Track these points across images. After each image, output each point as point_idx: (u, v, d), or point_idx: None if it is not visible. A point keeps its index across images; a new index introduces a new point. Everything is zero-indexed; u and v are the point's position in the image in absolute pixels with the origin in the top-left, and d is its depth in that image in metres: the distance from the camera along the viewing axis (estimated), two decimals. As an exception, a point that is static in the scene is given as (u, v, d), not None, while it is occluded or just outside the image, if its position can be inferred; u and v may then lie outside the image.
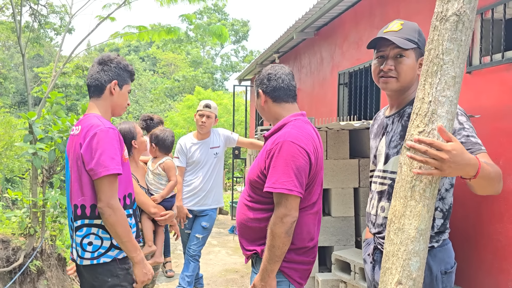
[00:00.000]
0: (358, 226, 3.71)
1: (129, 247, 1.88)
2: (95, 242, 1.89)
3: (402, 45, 1.62)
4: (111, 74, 1.98)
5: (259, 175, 1.90)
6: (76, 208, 1.88)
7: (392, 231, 1.33)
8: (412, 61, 1.65)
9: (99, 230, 1.89)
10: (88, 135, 1.83)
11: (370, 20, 4.61)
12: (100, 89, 1.98)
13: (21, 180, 8.04)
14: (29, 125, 3.58)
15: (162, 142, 2.91)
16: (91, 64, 2.04)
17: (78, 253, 1.91)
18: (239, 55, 32.08)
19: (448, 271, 1.61)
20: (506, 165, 2.61)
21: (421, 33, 1.69)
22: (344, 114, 5.41)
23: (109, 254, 1.91)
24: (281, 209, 1.79)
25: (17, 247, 3.74)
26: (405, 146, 1.36)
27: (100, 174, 1.80)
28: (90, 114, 1.94)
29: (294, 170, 1.78)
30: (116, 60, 2.01)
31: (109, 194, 1.82)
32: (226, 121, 14.48)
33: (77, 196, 1.87)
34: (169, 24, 7.40)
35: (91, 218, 1.87)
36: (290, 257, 1.88)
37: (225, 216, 8.48)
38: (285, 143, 1.81)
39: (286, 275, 1.89)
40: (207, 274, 4.74)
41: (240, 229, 2.03)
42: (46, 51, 21.53)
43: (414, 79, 1.68)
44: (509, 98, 2.62)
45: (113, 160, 1.82)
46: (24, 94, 22.17)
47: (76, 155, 1.87)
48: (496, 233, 2.66)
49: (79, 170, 1.86)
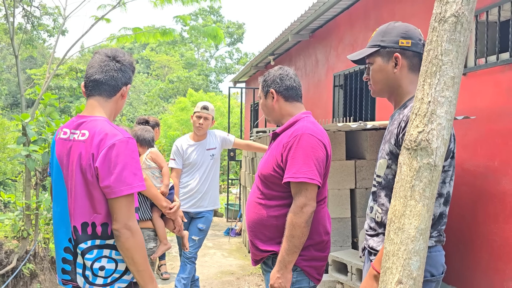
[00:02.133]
0: (354, 227, 3.72)
1: (145, 278, 1.61)
2: (108, 266, 1.62)
3: (353, 58, 1.71)
4: (127, 76, 1.74)
5: (275, 168, 1.92)
6: (85, 226, 1.60)
7: (392, 230, 1.33)
8: (378, 64, 1.64)
9: (112, 252, 1.62)
10: (104, 145, 1.56)
11: (365, 22, 4.64)
12: (114, 89, 1.70)
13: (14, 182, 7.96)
14: (23, 127, 3.56)
15: (141, 137, 2.96)
16: (98, 54, 1.72)
17: (89, 279, 1.62)
18: (233, 57, 32.11)
19: (426, 278, 1.52)
20: (501, 166, 2.63)
21: (389, 30, 1.62)
22: (339, 116, 5.43)
23: (124, 279, 1.66)
24: (301, 198, 1.82)
25: (10, 250, 3.70)
26: (404, 146, 1.37)
27: (121, 192, 1.54)
28: (98, 118, 1.65)
29: (314, 161, 1.83)
30: (129, 59, 1.77)
31: (128, 214, 1.57)
32: (220, 123, 14.47)
33: (86, 213, 1.60)
34: (163, 26, 7.40)
35: (102, 238, 1.61)
36: (310, 254, 1.92)
37: (220, 218, 8.46)
38: (304, 136, 1.86)
39: (306, 273, 1.93)
40: (203, 276, 4.72)
41: (253, 229, 2.00)
42: (39, 53, 21.39)
43: (390, 79, 1.63)
44: (504, 100, 2.65)
45: (135, 176, 1.58)
46: (17, 96, 22.00)
47: (83, 166, 1.58)
48: (491, 234, 2.68)
49: (88, 184, 1.58)
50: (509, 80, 2.62)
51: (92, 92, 1.69)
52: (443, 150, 1.34)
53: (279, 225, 1.90)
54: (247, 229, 2.07)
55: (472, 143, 2.81)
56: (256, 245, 2.00)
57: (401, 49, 1.59)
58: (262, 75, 2.13)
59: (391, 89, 1.65)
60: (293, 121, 2.00)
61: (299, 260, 1.91)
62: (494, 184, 2.66)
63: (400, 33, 1.60)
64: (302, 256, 1.91)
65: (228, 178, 8.11)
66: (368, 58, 1.67)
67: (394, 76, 1.62)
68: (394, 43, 1.60)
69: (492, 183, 2.68)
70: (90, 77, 1.69)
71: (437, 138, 1.32)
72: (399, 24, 1.64)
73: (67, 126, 1.69)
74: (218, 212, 8.63)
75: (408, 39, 1.59)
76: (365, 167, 3.75)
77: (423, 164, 1.32)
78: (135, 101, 25.16)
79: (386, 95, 1.70)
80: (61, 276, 1.67)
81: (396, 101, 1.67)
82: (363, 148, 3.86)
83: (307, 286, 1.95)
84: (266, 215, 1.94)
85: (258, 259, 2.05)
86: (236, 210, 7.60)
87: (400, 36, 1.59)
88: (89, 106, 1.71)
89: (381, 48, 1.62)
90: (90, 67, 1.71)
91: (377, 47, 1.63)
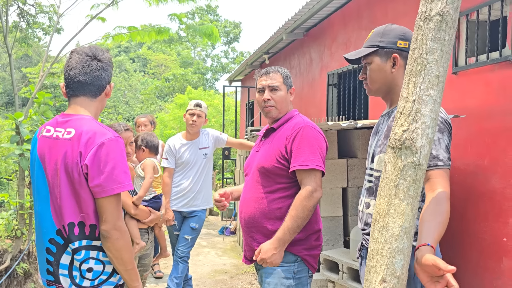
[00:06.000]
0: (346, 226, 3.73)
1: (132, 276, 1.63)
2: (95, 267, 1.60)
3: (351, 57, 1.75)
4: (109, 74, 1.71)
5: (279, 160, 2.00)
6: (72, 226, 1.56)
7: (377, 229, 1.34)
8: (376, 64, 1.69)
9: (99, 253, 1.60)
10: (94, 143, 1.53)
11: (358, 21, 4.65)
12: (99, 89, 1.67)
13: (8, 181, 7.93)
14: (16, 126, 3.54)
15: (151, 143, 2.90)
16: (77, 54, 1.67)
17: (75, 280, 1.59)
18: (229, 56, 32.07)
19: None
20: (491, 164, 2.64)
21: (387, 32, 1.68)
22: (333, 115, 5.43)
23: (111, 281, 1.65)
24: (311, 183, 1.93)
25: (3, 250, 3.69)
26: (389, 145, 1.37)
27: (112, 191, 1.53)
28: (84, 117, 1.62)
29: (319, 150, 1.97)
30: (109, 57, 1.73)
31: (117, 215, 1.56)
32: (216, 121, 14.47)
33: (73, 213, 1.56)
34: (159, 24, 7.38)
35: (90, 238, 1.58)
36: (310, 243, 2.01)
37: (215, 217, 8.46)
38: (306, 128, 1.99)
39: (306, 262, 2.01)
40: (196, 275, 4.72)
41: (254, 224, 2.03)
42: (34, 51, 21.29)
43: (388, 79, 1.69)
44: (494, 99, 2.66)
45: (126, 174, 1.57)
46: (11, 95, 21.88)
47: (69, 164, 1.54)
48: (481, 232, 2.69)
49: (74, 183, 1.54)
50: (499, 79, 2.63)
51: (76, 92, 1.66)
52: (427, 149, 1.35)
53: (282, 217, 1.97)
54: (244, 227, 2.08)
55: (462, 142, 2.82)
56: (258, 240, 2.02)
57: (399, 50, 1.66)
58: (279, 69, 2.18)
59: (388, 88, 1.71)
60: (289, 117, 2.10)
61: (301, 249, 1.99)
62: (484, 182, 2.67)
63: (398, 35, 1.67)
64: (303, 245, 2.00)
65: (223, 177, 8.11)
66: (365, 58, 1.72)
67: (391, 75, 1.68)
68: (393, 44, 1.67)
69: (482, 181, 2.69)
70: (73, 79, 1.64)
71: (422, 137, 1.32)
72: (396, 27, 1.71)
73: (51, 124, 1.66)
74: (213, 211, 8.62)
75: (405, 40, 1.66)
76: (357, 166, 3.76)
77: (407, 163, 1.33)
78: (132, 100, 25.09)
79: (382, 94, 1.76)
80: (46, 277, 1.65)
81: (392, 100, 1.72)
82: (355, 147, 3.87)
83: (307, 275, 2.03)
84: (269, 208, 1.99)
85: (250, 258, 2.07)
86: (231, 209, 7.60)
87: (398, 38, 1.66)
88: (73, 105, 1.67)
89: (380, 48, 1.68)
90: (70, 68, 1.65)
91: (376, 47, 1.69)
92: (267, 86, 2.10)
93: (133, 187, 1.66)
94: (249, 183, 2.10)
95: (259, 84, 2.14)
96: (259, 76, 2.16)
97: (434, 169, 1.49)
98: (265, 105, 2.10)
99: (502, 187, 2.55)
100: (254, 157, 2.15)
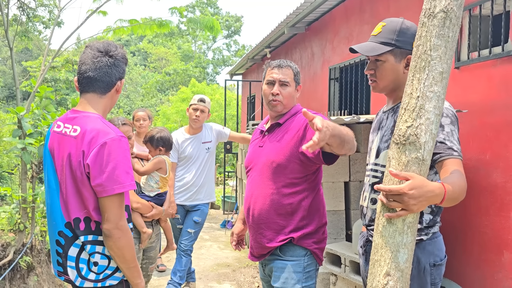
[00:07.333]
0: (348, 219, 3.75)
1: (135, 273, 1.65)
2: (101, 262, 1.62)
3: (366, 53, 1.69)
4: (121, 70, 1.69)
5: (295, 154, 1.96)
6: (78, 221, 1.59)
7: (381, 224, 1.36)
8: (390, 63, 1.68)
9: (105, 248, 1.62)
10: (96, 143, 1.54)
11: (360, 15, 4.64)
12: (109, 85, 1.67)
13: (10, 175, 7.96)
14: (18, 120, 3.55)
15: (168, 143, 2.89)
16: (90, 49, 1.67)
17: (81, 273, 1.62)
18: (231, 49, 31.98)
19: (437, 263, 1.63)
20: (493, 159, 2.66)
21: (403, 31, 1.66)
22: (335, 109, 5.44)
23: (116, 276, 1.66)
24: None
25: (6, 243, 3.71)
26: (393, 140, 1.38)
27: (113, 191, 1.53)
28: (90, 114, 1.63)
29: None
30: (122, 52, 1.71)
31: (119, 214, 1.57)
32: (218, 115, 14.48)
33: (77, 208, 1.59)
34: (160, 18, 7.36)
35: (96, 233, 1.60)
36: (318, 236, 2.04)
37: (217, 211, 8.50)
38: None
39: (315, 256, 2.03)
40: (199, 268, 4.76)
41: (265, 221, 2.01)
42: (35, 45, 21.22)
43: (399, 78, 1.69)
44: (496, 93, 2.66)
45: (128, 175, 1.57)
46: (13, 89, 21.86)
47: (73, 163, 1.57)
48: (482, 226, 2.72)
49: (77, 181, 1.57)
50: (501, 73, 2.64)
51: (86, 88, 1.66)
52: (431, 145, 1.36)
53: (293, 212, 1.98)
54: (253, 224, 2.06)
55: (465, 136, 2.83)
56: (269, 236, 2.01)
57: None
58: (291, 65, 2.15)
59: (395, 86, 1.71)
60: (294, 112, 2.11)
61: (311, 243, 2.01)
62: (485, 177, 2.69)
63: (414, 35, 1.64)
64: (313, 238, 2.01)
65: (224, 171, 8.14)
66: (379, 55, 1.69)
67: (403, 76, 1.69)
68: (409, 45, 1.66)
69: (484, 176, 2.71)
70: (83, 74, 1.65)
71: (426, 133, 1.34)
72: (411, 25, 1.69)
73: (61, 120, 1.68)
74: (215, 205, 8.66)
75: None
76: (359, 160, 3.78)
77: (411, 159, 1.34)
78: (132, 93, 25.07)
79: (388, 91, 1.76)
80: (56, 267, 1.69)
81: (397, 97, 1.73)
82: (357, 141, 3.87)
83: (315, 269, 2.05)
84: (281, 203, 1.98)
85: (265, 252, 2.05)
86: (233, 202, 7.64)
87: (414, 38, 1.63)
88: (83, 101, 1.68)
89: (396, 47, 1.66)
90: (82, 63, 1.66)
91: (392, 46, 1.67)
92: (278, 80, 2.05)
93: (135, 186, 1.66)
94: (256, 179, 2.06)
95: (270, 76, 2.07)
96: (271, 68, 2.10)
97: (450, 157, 1.49)
98: (273, 98, 2.05)
99: (504, 182, 2.56)
100: (258, 153, 2.09)
